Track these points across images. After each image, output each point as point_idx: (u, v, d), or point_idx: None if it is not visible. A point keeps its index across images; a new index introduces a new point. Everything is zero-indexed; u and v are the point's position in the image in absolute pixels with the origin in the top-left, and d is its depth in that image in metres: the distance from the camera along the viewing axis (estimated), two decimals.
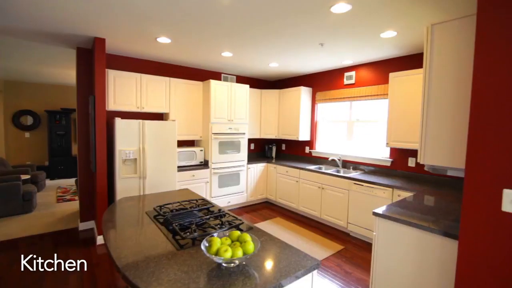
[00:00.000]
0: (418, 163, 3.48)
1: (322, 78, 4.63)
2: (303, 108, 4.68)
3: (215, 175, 4.25)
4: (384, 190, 3.12)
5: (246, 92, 4.57)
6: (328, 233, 3.66)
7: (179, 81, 4.08)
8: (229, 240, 1.30)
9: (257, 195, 4.84)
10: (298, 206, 4.31)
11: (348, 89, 4.17)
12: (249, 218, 4.19)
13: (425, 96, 1.82)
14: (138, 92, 3.72)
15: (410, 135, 3.15)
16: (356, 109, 4.18)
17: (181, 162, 4.02)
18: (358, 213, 3.42)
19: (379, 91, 3.75)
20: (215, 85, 4.19)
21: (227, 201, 4.43)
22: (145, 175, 3.41)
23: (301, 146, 5.05)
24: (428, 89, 1.81)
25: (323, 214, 3.90)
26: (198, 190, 4.05)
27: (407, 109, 3.17)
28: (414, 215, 1.97)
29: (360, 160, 4.04)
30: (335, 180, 3.71)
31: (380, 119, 3.84)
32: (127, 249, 1.37)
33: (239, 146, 4.52)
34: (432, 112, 1.79)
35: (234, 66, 4.40)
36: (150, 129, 3.45)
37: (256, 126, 5.10)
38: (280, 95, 5.06)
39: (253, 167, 4.74)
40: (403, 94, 3.21)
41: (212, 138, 4.19)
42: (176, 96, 4.06)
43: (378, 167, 3.82)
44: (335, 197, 3.72)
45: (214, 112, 4.19)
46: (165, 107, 3.98)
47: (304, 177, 4.17)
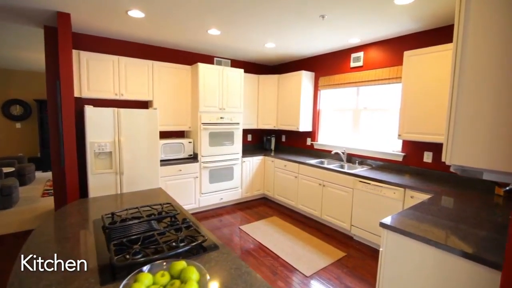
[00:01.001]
0: (435, 158, 3.03)
1: (325, 61, 4.11)
2: (304, 95, 4.20)
3: (205, 170, 3.86)
4: (395, 190, 2.66)
5: (241, 77, 4.10)
6: (328, 235, 3.24)
7: (164, 65, 3.65)
8: (167, 277, 0.90)
9: (253, 191, 4.45)
10: (297, 204, 3.90)
11: (355, 73, 3.65)
12: (242, 216, 3.81)
13: (455, 78, 1.33)
14: (116, 77, 3.32)
15: (427, 125, 2.66)
16: (364, 96, 3.67)
17: (167, 155, 3.64)
18: (363, 215, 2.98)
19: (391, 74, 3.22)
20: (204, 68, 3.74)
21: (219, 197, 4.06)
22: (122, 171, 3.04)
23: (302, 138, 4.59)
24: (459, 69, 1.32)
25: (324, 214, 3.48)
26: (186, 187, 3.68)
27: (425, 95, 2.67)
28: (432, 227, 1.53)
29: (367, 153, 3.56)
30: (337, 176, 3.26)
31: (391, 107, 3.33)
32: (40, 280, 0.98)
33: (232, 138, 4.10)
34: (464, 97, 1.31)
35: (225, 48, 3.93)
36: (127, 119, 3.06)
37: (253, 115, 4.66)
38: (279, 81, 4.57)
39: (248, 161, 4.32)
40: (420, 76, 2.70)
41: (201, 128, 3.77)
42: (161, 82, 3.65)
43: (387, 162, 3.34)
44: (337, 196, 3.28)
45: (204, 100, 3.76)
46: (148, 94, 3.57)
47: (304, 172, 3.74)
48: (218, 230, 3.35)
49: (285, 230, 3.35)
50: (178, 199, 3.76)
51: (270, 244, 2.99)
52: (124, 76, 3.36)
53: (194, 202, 3.80)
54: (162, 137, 3.92)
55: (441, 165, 2.85)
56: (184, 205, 3.68)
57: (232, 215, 3.85)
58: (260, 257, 2.72)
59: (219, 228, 3.44)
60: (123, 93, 3.38)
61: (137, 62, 3.45)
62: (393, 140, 3.29)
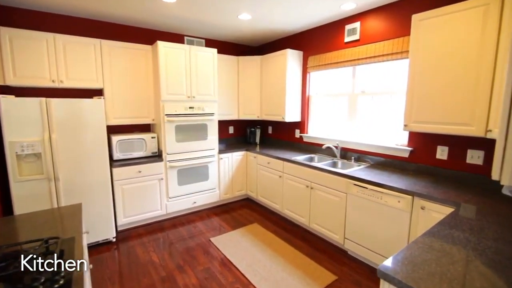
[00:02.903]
0: (453, 154, 2.37)
1: (315, 37, 3.42)
2: (291, 79, 3.53)
3: (173, 170, 3.26)
4: (400, 198, 2.04)
5: (213, 59, 3.43)
6: (318, 249, 2.66)
7: (115, 45, 2.99)
8: None
9: (234, 192, 3.85)
10: (282, 208, 3.30)
11: (350, 49, 2.97)
12: (217, 223, 3.23)
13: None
14: (52, 60, 2.67)
15: (442, 112, 2.01)
16: (362, 77, 3.00)
17: (124, 154, 3.03)
18: (360, 227, 2.38)
19: (395, 47, 2.54)
20: (166, 48, 3.07)
21: (192, 201, 3.47)
22: (58, 176, 2.44)
23: (290, 130, 3.94)
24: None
25: (313, 222, 2.88)
26: (149, 191, 3.09)
27: (440, 73, 2.00)
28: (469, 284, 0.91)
29: (365, 148, 2.92)
30: (327, 177, 2.64)
31: (394, 90, 2.67)
32: None
33: (206, 131, 3.47)
34: None
35: (192, 23, 3.23)
36: (61, 111, 2.43)
37: (233, 104, 4.00)
38: (262, 63, 3.89)
39: (227, 157, 3.71)
40: (434, 47, 2.02)
41: (165, 121, 3.14)
42: (113, 66, 2.99)
43: (390, 159, 2.71)
44: (328, 202, 2.67)
45: (166, 86, 3.11)
46: (97, 81, 2.93)
47: (289, 171, 3.12)
48: (182, 242, 2.78)
49: (266, 243, 2.76)
50: (139, 206, 3.10)
51: (243, 263, 2.40)
52: (63, 58, 2.71)
53: (160, 208, 3.22)
54: (121, 132, 3.31)
55: (459, 163, 2.21)
56: (148, 212, 3.11)
57: (205, 222, 3.27)
58: (226, 284, 2.14)
59: (184, 239, 2.87)
60: (63, 79, 2.74)
61: (80, 41, 2.79)
62: (398, 131, 2.65)
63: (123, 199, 2.95)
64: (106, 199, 2.72)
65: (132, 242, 2.84)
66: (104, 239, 2.76)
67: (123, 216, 2.99)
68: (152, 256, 2.56)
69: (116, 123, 3.07)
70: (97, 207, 2.68)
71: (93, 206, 2.65)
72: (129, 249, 2.69)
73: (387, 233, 2.16)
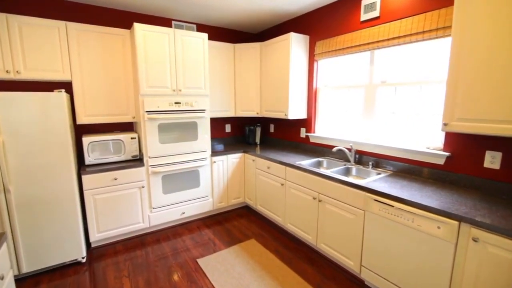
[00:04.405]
0: (508, 162, 1.52)
1: (324, 17, 2.87)
2: (296, 69, 2.99)
3: (156, 176, 2.79)
4: (440, 223, 1.51)
5: (203, 45, 2.92)
6: (326, 276, 2.15)
7: (85, 28, 2.51)
8: None
9: (230, 200, 3.37)
10: (284, 221, 2.80)
11: (369, 29, 2.41)
12: (208, 238, 2.75)
13: None
14: (6, 46, 2.22)
15: (499, 107, 1.46)
16: (382, 64, 2.44)
17: (98, 158, 2.58)
18: (382, 254, 1.86)
19: (429, 23, 1.98)
20: (144, 31, 2.58)
21: (180, 212, 3.00)
22: (7, 187, 1.99)
23: (295, 128, 3.42)
24: None
25: (321, 241, 2.37)
26: (127, 201, 2.64)
27: (500, 54, 1.45)
28: None
29: (385, 151, 2.38)
30: (340, 189, 2.12)
31: (426, 78, 2.11)
32: None
33: (195, 130, 2.98)
34: None
35: (178, 2, 2.72)
36: (9, 108, 1.98)
37: (228, 99, 3.50)
38: (262, 51, 3.36)
39: (222, 160, 3.22)
40: (491, 19, 1.47)
41: (146, 119, 2.67)
42: (83, 53, 2.53)
43: (418, 165, 2.16)
44: (340, 219, 2.15)
45: (146, 78, 2.63)
46: (64, 71, 2.47)
47: (293, 178, 2.61)
48: (164, 263, 2.32)
49: (263, 266, 2.27)
50: (116, 218, 2.58)
51: None
52: (18, 43, 2.26)
53: (141, 221, 2.76)
54: (99, 132, 2.87)
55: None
56: (127, 225, 2.67)
57: (194, 236, 2.80)
58: None
59: (166, 258, 2.41)
60: (20, 70, 2.29)
61: (40, 23, 2.32)
62: (430, 131, 2.10)
63: (95, 211, 2.51)
64: (72, 213, 2.27)
65: (105, 261, 2.39)
66: (72, 260, 2.32)
67: (97, 231, 2.54)
68: (124, 283, 2.11)
69: (89, 121, 2.61)
70: (61, 223, 2.23)
71: (56, 222, 2.20)
72: (99, 273, 2.24)
73: (420, 267, 1.63)
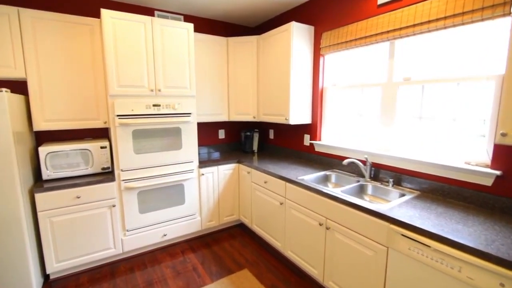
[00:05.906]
0: None
1: (332, 2, 2.41)
2: (298, 65, 2.53)
3: (130, 192, 2.34)
4: (505, 279, 1.02)
5: (188, 37, 2.48)
6: None
7: (43, 16, 2.08)
8: None
9: (221, 218, 2.90)
10: (284, 247, 2.32)
11: (388, 14, 1.95)
12: (191, 268, 2.28)
13: None
14: None
15: None
16: (405, 57, 1.97)
17: (59, 172, 2.14)
18: None
19: (472, 2, 1.50)
20: (114, 19, 2.14)
21: (161, 234, 2.54)
22: None
23: (297, 134, 2.95)
24: None
25: (329, 279, 1.88)
26: (94, 223, 2.20)
27: None
28: None
29: (410, 165, 1.90)
30: (353, 215, 1.64)
31: (467, 75, 1.63)
32: None
33: (179, 138, 2.53)
34: None
35: None
36: None
37: (221, 100, 3.05)
38: (259, 46, 2.91)
39: (211, 172, 2.76)
40: None
41: (117, 124, 2.22)
42: (40, 46, 2.10)
43: (455, 185, 1.67)
44: (355, 254, 1.67)
45: (116, 76, 2.19)
46: (16, 68, 2.04)
47: (294, 197, 2.13)
48: None
49: None
50: (80, 244, 2.06)
51: None
52: None
53: (113, 246, 2.31)
54: (66, 139, 2.44)
55: None
56: (95, 252, 2.22)
57: (176, 264, 2.33)
58: None
59: None
60: None
61: None
62: (470, 141, 1.62)
63: (53, 237, 2.06)
64: (17, 240, 1.83)
65: None
66: None
67: (55, 261, 2.09)
68: None
69: (48, 127, 2.18)
70: (4, 252, 1.79)
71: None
72: None
73: None
